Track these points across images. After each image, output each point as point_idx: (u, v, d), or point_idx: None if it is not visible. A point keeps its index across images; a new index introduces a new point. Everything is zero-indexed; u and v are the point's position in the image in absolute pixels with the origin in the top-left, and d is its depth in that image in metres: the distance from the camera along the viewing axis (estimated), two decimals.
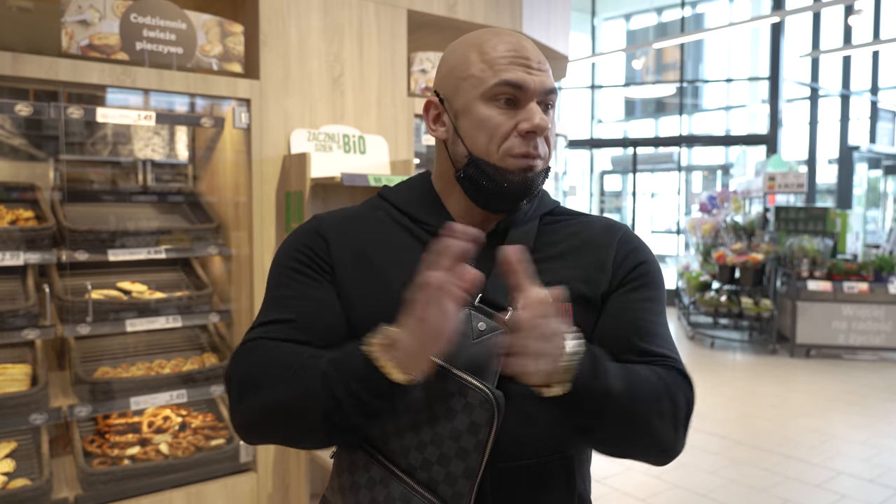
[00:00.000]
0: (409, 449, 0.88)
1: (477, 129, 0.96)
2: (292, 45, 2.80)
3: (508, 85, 0.94)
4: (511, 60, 0.96)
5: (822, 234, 7.27)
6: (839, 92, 11.59)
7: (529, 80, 0.95)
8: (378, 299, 0.95)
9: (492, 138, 0.95)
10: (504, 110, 0.95)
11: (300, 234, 1.04)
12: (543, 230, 1.04)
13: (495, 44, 0.97)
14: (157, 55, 2.52)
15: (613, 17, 16.71)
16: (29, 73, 2.25)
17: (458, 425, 0.86)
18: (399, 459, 0.89)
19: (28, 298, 2.52)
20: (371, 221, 1.04)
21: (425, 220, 1.01)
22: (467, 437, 0.86)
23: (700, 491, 3.70)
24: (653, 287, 1.03)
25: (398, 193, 1.07)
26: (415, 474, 0.87)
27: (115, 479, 2.47)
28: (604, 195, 13.10)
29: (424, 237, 1.00)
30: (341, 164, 2.85)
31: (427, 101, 1.02)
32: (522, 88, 0.95)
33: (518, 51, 0.96)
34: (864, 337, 6.77)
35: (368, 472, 0.90)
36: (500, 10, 3.47)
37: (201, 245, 2.83)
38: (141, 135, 3.23)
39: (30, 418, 2.36)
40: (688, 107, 15.55)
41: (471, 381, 0.87)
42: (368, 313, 0.94)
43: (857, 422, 4.94)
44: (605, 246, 1.03)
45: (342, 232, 1.02)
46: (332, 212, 1.07)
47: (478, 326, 0.92)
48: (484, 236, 0.89)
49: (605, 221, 1.08)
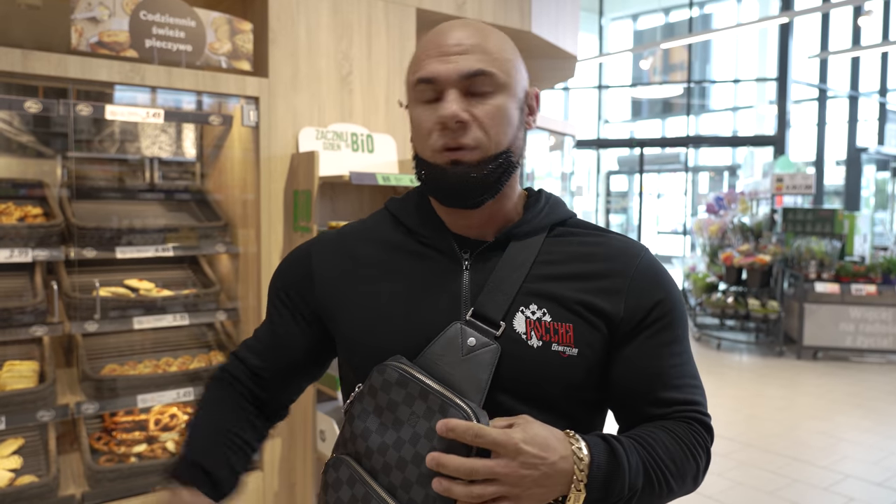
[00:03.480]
0: (373, 451, 0.87)
1: (414, 131, 0.96)
2: (301, 43, 2.80)
3: (423, 81, 0.91)
4: (426, 53, 0.92)
5: (830, 235, 7.24)
6: (847, 93, 11.54)
7: (441, 70, 0.89)
8: (364, 314, 0.98)
9: (419, 136, 0.94)
10: (426, 106, 0.92)
11: (291, 263, 1.11)
12: (550, 242, 0.97)
13: (426, 41, 0.94)
14: (166, 53, 2.51)
15: (621, 17, 16.68)
16: (38, 70, 2.25)
17: (432, 439, 0.82)
18: (364, 461, 0.88)
19: (36, 295, 2.52)
20: (371, 238, 1.04)
21: (415, 227, 1.00)
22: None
23: (707, 493, 3.68)
24: (675, 326, 0.96)
25: (401, 207, 1.05)
26: (377, 477, 0.86)
27: (122, 476, 2.47)
28: (610, 195, 13.09)
29: (422, 250, 0.99)
30: (349, 162, 2.84)
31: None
32: (434, 81, 0.90)
33: (439, 42, 0.91)
34: (871, 339, 6.73)
35: (337, 472, 0.90)
36: (509, 9, 3.46)
37: (208, 243, 2.82)
38: (148, 132, 3.23)
39: (37, 415, 2.36)
40: (695, 107, 15.51)
41: (453, 400, 0.83)
42: (353, 328, 0.99)
43: (865, 425, 4.91)
44: (621, 272, 0.95)
45: (332, 252, 1.05)
46: (339, 229, 1.10)
47: (468, 342, 0.89)
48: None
49: (624, 242, 0.99)
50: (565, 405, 0.93)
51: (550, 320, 0.91)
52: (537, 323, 0.91)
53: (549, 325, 0.91)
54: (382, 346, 0.93)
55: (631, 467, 0.85)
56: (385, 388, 0.87)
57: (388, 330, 0.94)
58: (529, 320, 0.91)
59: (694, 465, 0.92)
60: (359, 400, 0.91)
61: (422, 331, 0.92)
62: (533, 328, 0.91)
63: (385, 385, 0.88)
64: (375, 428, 0.87)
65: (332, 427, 2.67)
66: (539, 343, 0.90)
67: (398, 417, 0.86)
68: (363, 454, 0.88)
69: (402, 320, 0.94)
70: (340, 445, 0.93)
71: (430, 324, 0.92)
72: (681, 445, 0.91)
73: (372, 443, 0.87)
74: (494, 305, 0.91)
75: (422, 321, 0.93)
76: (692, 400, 0.95)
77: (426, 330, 0.91)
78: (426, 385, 0.85)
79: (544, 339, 0.90)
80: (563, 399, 0.93)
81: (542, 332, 0.91)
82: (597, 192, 12.57)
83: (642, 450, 0.88)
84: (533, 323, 0.91)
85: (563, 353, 0.90)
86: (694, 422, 0.94)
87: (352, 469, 0.88)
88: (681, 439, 0.91)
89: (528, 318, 0.91)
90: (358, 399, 0.91)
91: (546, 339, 0.90)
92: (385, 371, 0.88)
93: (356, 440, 0.89)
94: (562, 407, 0.93)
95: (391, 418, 0.86)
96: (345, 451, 0.91)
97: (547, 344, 0.90)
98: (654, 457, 0.88)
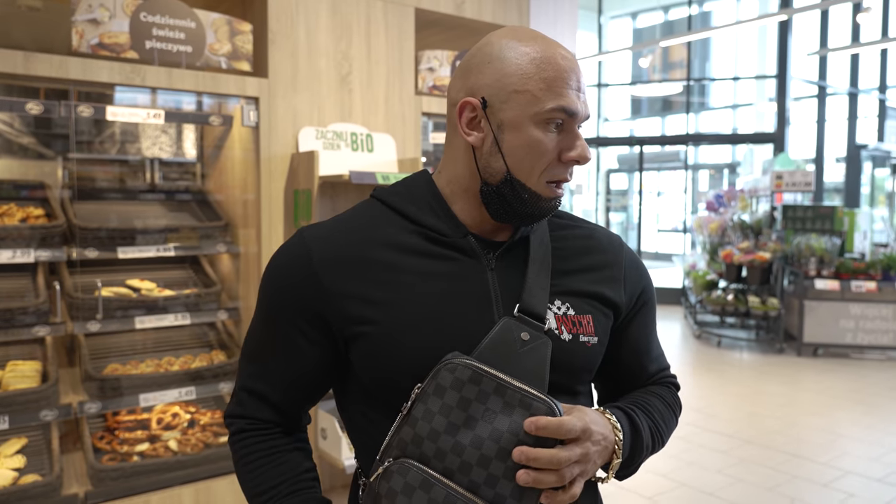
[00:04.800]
0: (445, 452, 0.85)
1: (524, 150, 0.92)
2: (300, 43, 2.81)
3: (565, 112, 0.91)
4: (568, 82, 0.92)
5: (830, 232, 7.24)
6: (847, 90, 11.54)
7: (580, 108, 0.93)
8: (406, 310, 0.93)
9: (537, 162, 0.92)
10: (553, 135, 0.92)
11: (291, 275, 0.97)
12: (554, 237, 1.03)
13: (556, 60, 0.92)
14: (166, 54, 2.53)
15: (620, 15, 16.67)
16: (39, 71, 2.27)
17: (517, 433, 0.84)
18: (433, 463, 0.86)
19: (38, 296, 2.53)
20: (375, 236, 0.98)
21: (434, 226, 0.97)
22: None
23: (707, 489, 3.69)
24: (654, 305, 1.13)
25: (399, 197, 1.01)
26: (453, 477, 0.85)
27: (125, 475, 2.49)
28: (610, 194, 13.09)
29: (440, 249, 0.96)
30: (349, 162, 2.86)
31: (464, 101, 0.94)
32: (575, 116, 0.92)
33: (575, 74, 0.93)
34: (871, 336, 6.74)
35: (405, 477, 0.86)
36: (508, 8, 3.47)
37: (209, 243, 2.84)
38: (149, 133, 3.25)
39: (40, 414, 2.37)
40: (695, 105, 15.51)
41: (534, 394, 0.85)
42: (400, 330, 0.92)
43: (865, 421, 4.92)
44: (616, 262, 1.06)
45: (340, 261, 0.95)
46: (321, 227, 1.00)
47: (521, 336, 0.91)
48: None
49: (606, 232, 1.10)
50: (584, 387, 1.04)
51: (574, 314, 0.98)
52: (564, 318, 0.97)
53: (573, 318, 0.98)
54: (427, 346, 0.91)
55: (644, 431, 1.00)
56: (456, 387, 0.86)
57: (433, 331, 0.92)
58: (558, 315, 0.97)
59: (675, 421, 1.12)
60: (421, 401, 0.88)
61: (464, 329, 0.92)
62: (562, 322, 0.96)
63: (456, 383, 0.86)
64: (444, 428, 0.86)
65: (334, 425, 2.69)
66: (569, 336, 0.97)
67: (471, 415, 0.85)
68: (432, 456, 0.86)
69: (446, 320, 0.93)
70: (395, 449, 0.88)
71: (473, 321, 0.93)
72: (668, 407, 1.10)
73: (443, 444, 0.85)
74: (538, 301, 0.94)
75: (464, 320, 0.93)
76: (666, 365, 1.16)
77: (469, 328, 0.92)
78: (503, 381, 0.86)
79: (572, 332, 0.97)
80: (586, 384, 1.04)
81: (570, 326, 0.97)
82: (597, 191, 12.58)
83: (647, 416, 1.03)
84: (561, 318, 0.97)
85: (588, 344, 0.98)
86: (671, 385, 1.15)
87: (424, 473, 0.85)
88: (667, 402, 1.10)
89: (556, 314, 0.96)
90: (420, 400, 0.88)
91: (574, 332, 0.97)
92: (456, 369, 0.87)
93: (422, 442, 0.86)
94: (581, 389, 1.03)
95: (462, 417, 0.86)
96: (403, 455, 0.87)
97: (575, 336, 0.97)
98: (655, 420, 1.05)
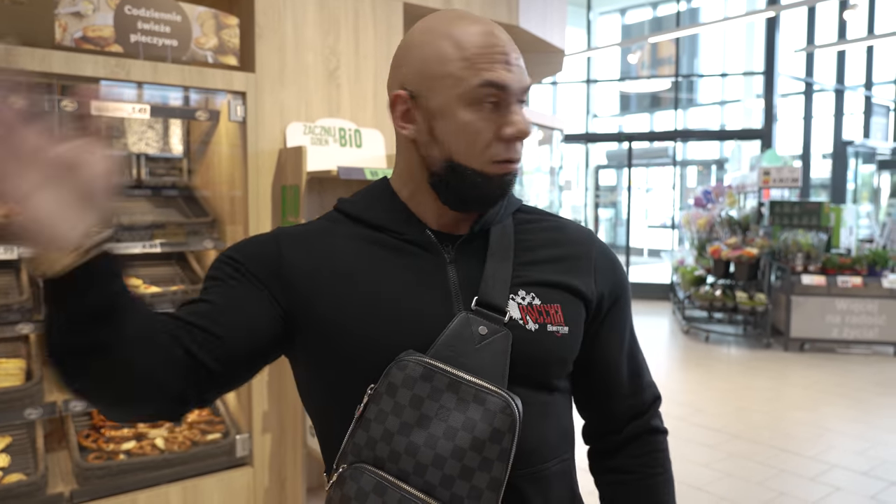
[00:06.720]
0: (399, 454, 0.82)
1: (457, 134, 0.88)
2: (288, 37, 2.79)
3: (492, 86, 0.87)
4: (490, 56, 0.87)
5: (817, 228, 7.30)
6: (834, 87, 11.62)
7: (512, 80, 0.88)
8: (364, 309, 0.89)
9: (474, 144, 0.88)
10: (486, 114, 0.88)
11: (256, 238, 0.96)
12: (520, 229, 1.00)
13: (471, 33, 0.88)
14: (151, 48, 2.50)
15: (609, 11, 16.71)
16: (22, 65, 2.23)
17: (471, 430, 0.82)
18: (388, 466, 0.83)
19: (22, 293, 2.50)
20: (336, 236, 0.95)
21: (390, 226, 0.95)
22: (491, 447, 0.82)
23: (695, 484, 3.71)
24: (628, 304, 1.07)
25: (360, 206, 0.98)
26: (408, 479, 0.82)
27: (111, 473, 2.47)
28: (599, 190, 13.11)
29: (399, 246, 0.94)
30: (337, 157, 2.84)
31: (394, 95, 0.91)
32: (506, 89, 0.87)
33: (497, 43, 0.88)
34: (857, 331, 6.80)
35: (358, 482, 0.83)
36: (496, 3, 3.46)
37: (196, 239, 2.81)
38: (135, 128, 3.21)
39: (24, 413, 2.35)
40: (683, 101, 15.58)
41: (489, 388, 0.83)
42: (356, 326, 0.88)
43: (851, 415, 4.96)
44: (585, 254, 1.01)
45: (302, 244, 0.94)
46: (291, 228, 0.98)
47: (479, 331, 0.88)
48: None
49: (576, 226, 1.06)
50: (561, 382, 0.98)
51: (540, 303, 0.94)
52: (529, 307, 0.93)
53: (540, 307, 0.93)
54: (383, 344, 0.88)
55: None
56: (407, 385, 0.84)
57: (388, 327, 0.89)
58: (522, 305, 0.92)
59: (672, 480, 1.08)
60: (374, 402, 0.85)
61: (421, 326, 0.89)
62: (527, 312, 0.92)
63: (407, 381, 0.84)
64: (397, 429, 0.83)
65: None
66: (536, 326, 0.92)
67: (424, 414, 0.83)
68: (386, 458, 0.83)
69: (404, 317, 0.90)
70: (349, 454, 0.86)
71: (430, 317, 0.89)
72: (668, 478, 1.07)
73: (397, 445, 0.83)
74: (498, 293, 0.91)
75: (421, 316, 0.90)
76: (652, 399, 1.09)
77: (426, 324, 0.89)
78: (455, 376, 0.83)
79: (538, 321, 0.93)
80: (563, 378, 0.98)
81: (535, 316, 0.93)
82: (585, 187, 12.59)
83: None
84: (526, 308, 0.93)
85: (557, 333, 0.94)
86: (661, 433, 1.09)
87: (377, 476, 0.83)
88: (668, 473, 1.08)
89: (520, 304, 0.92)
90: (373, 401, 0.85)
91: (541, 322, 0.93)
92: (407, 367, 0.84)
93: (375, 445, 0.84)
94: (558, 384, 0.97)
95: (415, 416, 0.83)
96: (358, 460, 0.85)
97: (542, 326, 0.93)
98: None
